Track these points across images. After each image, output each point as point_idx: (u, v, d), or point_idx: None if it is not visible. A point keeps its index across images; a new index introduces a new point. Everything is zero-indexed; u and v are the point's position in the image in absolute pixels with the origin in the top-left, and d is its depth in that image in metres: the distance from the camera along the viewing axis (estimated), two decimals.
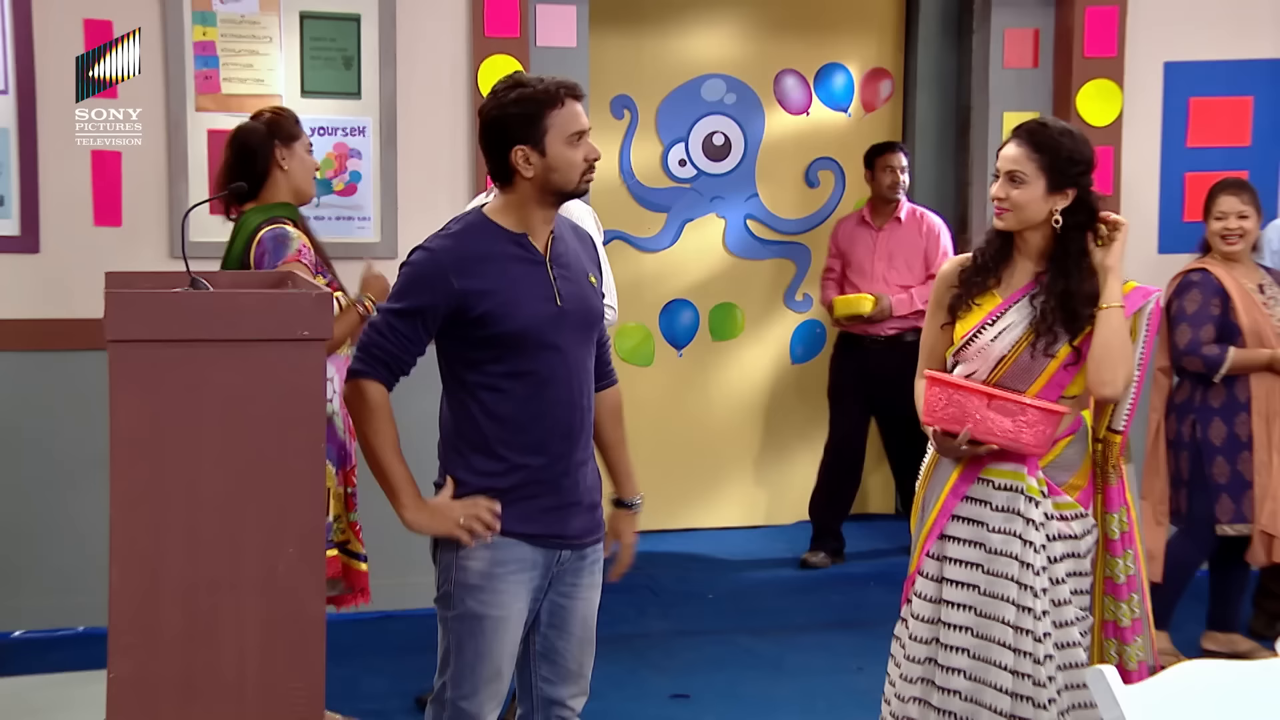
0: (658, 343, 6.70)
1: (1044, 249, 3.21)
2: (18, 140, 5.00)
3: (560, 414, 2.88)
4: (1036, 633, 3.13)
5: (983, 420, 3.10)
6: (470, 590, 2.86)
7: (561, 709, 3.03)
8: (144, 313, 2.51)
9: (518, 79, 2.87)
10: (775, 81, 6.68)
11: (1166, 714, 2.07)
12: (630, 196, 6.59)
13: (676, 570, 6.12)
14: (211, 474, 2.54)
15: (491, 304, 2.80)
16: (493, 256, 2.84)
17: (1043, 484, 3.17)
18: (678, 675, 4.78)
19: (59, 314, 5.05)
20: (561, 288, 2.88)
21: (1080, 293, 3.14)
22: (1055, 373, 3.16)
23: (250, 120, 4.09)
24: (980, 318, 3.22)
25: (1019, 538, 3.15)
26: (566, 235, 2.98)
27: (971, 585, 3.19)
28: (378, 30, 5.27)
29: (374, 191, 5.31)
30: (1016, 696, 3.12)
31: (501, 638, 2.88)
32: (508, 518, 2.86)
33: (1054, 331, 3.15)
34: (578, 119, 2.85)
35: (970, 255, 3.32)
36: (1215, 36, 5.94)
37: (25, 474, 5.11)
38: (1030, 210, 3.17)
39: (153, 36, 5.10)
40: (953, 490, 3.23)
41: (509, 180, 2.87)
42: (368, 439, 2.86)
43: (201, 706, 2.54)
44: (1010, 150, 3.21)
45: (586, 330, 2.94)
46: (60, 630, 5.11)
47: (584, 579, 3.00)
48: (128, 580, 2.52)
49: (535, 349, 2.84)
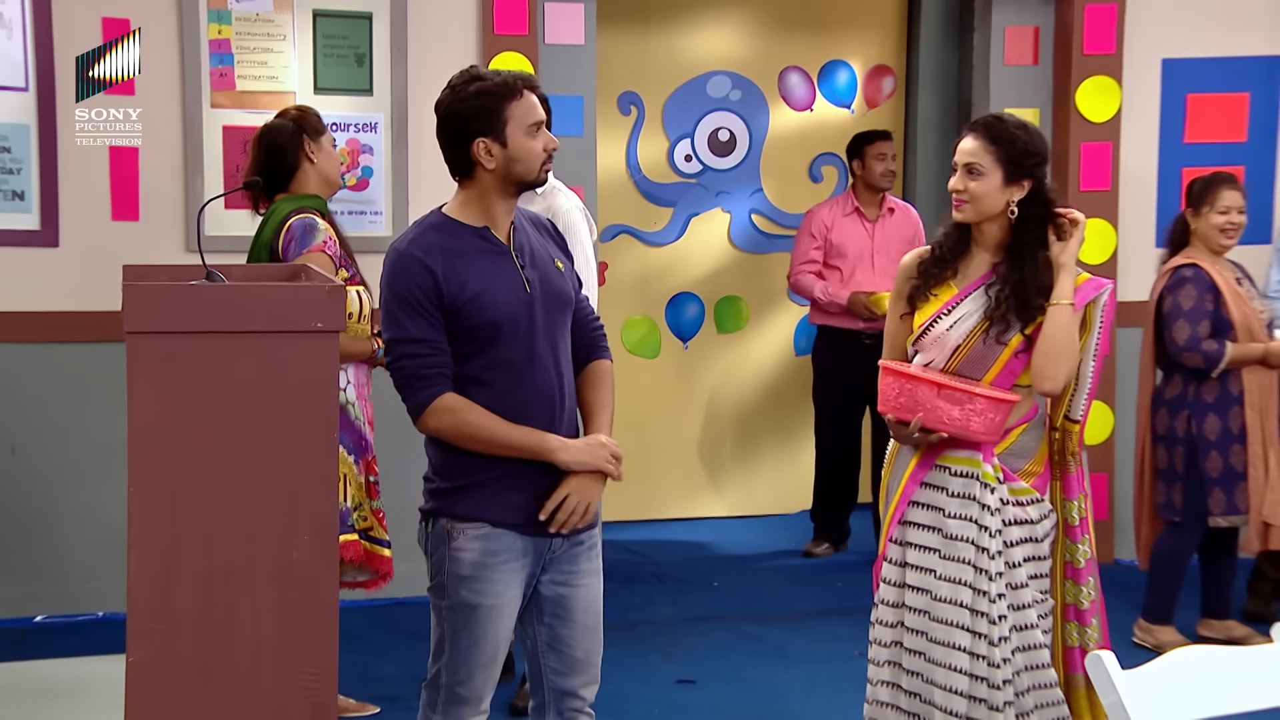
0: (664, 335, 6.75)
1: (1000, 240, 3.27)
2: (38, 136, 5.07)
3: (541, 400, 2.88)
4: (992, 615, 3.18)
5: (933, 409, 3.15)
6: (463, 581, 2.87)
7: (573, 699, 3.02)
8: (161, 305, 2.53)
9: (474, 73, 2.88)
10: (779, 78, 6.73)
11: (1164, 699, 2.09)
12: (637, 191, 6.65)
13: (682, 558, 6.18)
14: (227, 463, 2.56)
15: (466, 297, 2.81)
16: (460, 251, 2.85)
17: (998, 470, 3.22)
18: (683, 661, 4.83)
19: (78, 307, 5.12)
20: (529, 275, 2.89)
21: (1034, 282, 3.20)
22: (1008, 361, 3.21)
23: (276, 119, 4.19)
24: (937, 308, 3.28)
25: (975, 523, 3.21)
26: (525, 225, 2.99)
27: (928, 569, 3.25)
28: (389, 28, 5.34)
29: (386, 186, 5.38)
30: (973, 678, 3.18)
31: (495, 625, 2.89)
32: (495, 508, 2.87)
33: (1007, 320, 3.20)
34: (535, 110, 2.87)
35: (929, 248, 3.37)
36: (1212, 33, 5.97)
37: (46, 463, 5.18)
38: (988, 202, 3.22)
39: (169, 34, 5.16)
40: (911, 477, 3.29)
41: (469, 173, 2.88)
42: (479, 436, 2.82)
43: (217, 690, 2.56)
44: (968, 143, 3.26)
45: (558, 314, 2.94)
46: (80, 616, 5.18)
47: (582, 565, 2.99)
48: (146, 567, 2.54)
49: (511, 338, 2.85)
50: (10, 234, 5.08)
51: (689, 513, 6.80)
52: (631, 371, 6.59)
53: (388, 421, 4.18)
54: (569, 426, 2.95)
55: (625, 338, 6.63)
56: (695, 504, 6.84)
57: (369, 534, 4.13)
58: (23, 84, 5.04)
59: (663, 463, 6.77)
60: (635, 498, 6.61)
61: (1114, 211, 5.93)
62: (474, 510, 2.88)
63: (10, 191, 5.07)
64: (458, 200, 2.94)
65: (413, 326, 2.81)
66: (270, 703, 2.61)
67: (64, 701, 4.26)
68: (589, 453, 2.89)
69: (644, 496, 6.69)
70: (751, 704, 4.45)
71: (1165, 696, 2.11)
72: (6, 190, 5.06)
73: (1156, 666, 2.14)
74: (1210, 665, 2.19)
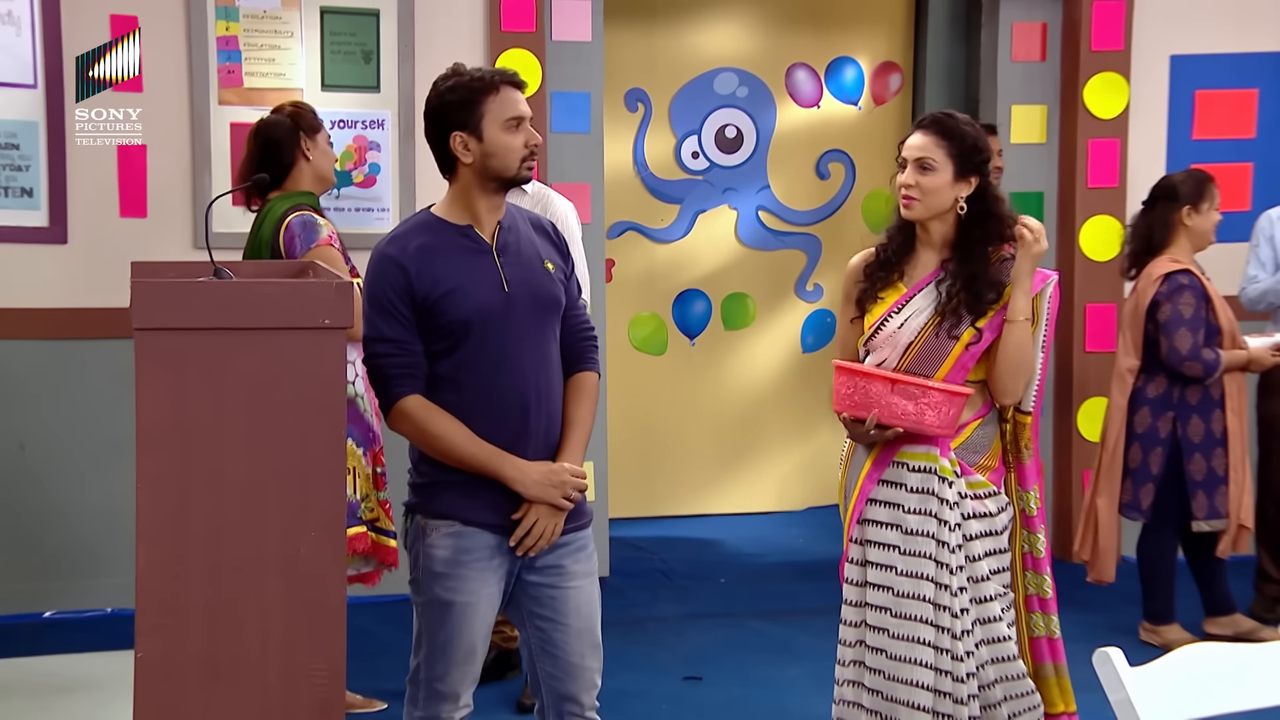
0: (671, 332, 6.76)
1: (948, 238, 3.27)
2: (46, 133, 5.09)
3: (513, 400, 2.86)
4: (954, 609, 3.19)
5: (887, 405, 3.16)
6: (436, 578, 2.88)
7: (572, 704, 2.98)
8: (169, 302, 2.53)
9: (456, 69, 2.91)
10: (786, 75, 6.73)
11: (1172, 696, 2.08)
12: (644, 188, 6.65)
13: (688, 555, 6.19)
14: (235, 459, 2.55)
15: (442, 293, 2.82)
16: (438, 248, 2.86)
17: (955, 465, 3.22)
18: (690, 658, 4.84)
19: (86, 303, 5.14)
20: (509, 274, 2.88)
21: (984, 276, 3.21)
22: (960, 355, 3.22)
23: (272, 114, 4.19)
24: (886, 307, 3.28)
25: (935, 517, 3.21)
26: (519, 224, 2.97)
27: (889, 566, 3.25)
28: (396, 25, 5.35)
29: (393, 183, 5.39)
30: (938, 671, 3.18)
31: (470, 622, 2.89)
32: (468, 507, 2.87)
33: (958, 313, 3.21)
34: (515, 105, 2.87)
35: (873, 250, 3.37)
36: (1221, 30, 5.97)
37: (55, 459, 5.21)
38: (938, 197, 3.22)
39: (177, 31, 5.18)
40: (868, 475, 3.29)
41: (452, 169, 2.91)
42: (437, 446, 2.85)
43: (226, 685, 2.56)
44: (917, 139, 3.26)
45: (541, 316, 2.92)
46: (89, 611, 5.21)
47: (569, 567, 2.95)
48: (154, 563, 2.53)
49: (486, 336, 2.84)
50: (19, 231, 5.09)
51: (695, 509, 6.81)
52: (638, 368, 6.60)
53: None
54: (542, 434, 2.92)
55: (632, 334, 6.64)
56: (701, 501, 6.85)
57: (376, 525, 4.14)
58: (31, 81, 5.06)
59: (669, 459, 6.78)
60: (641, 494, 6.62)
61: (1121, 208, 5.92)
62: (446, 508, 2.89)
63: (19, 188, 5.08)
64: (445, 198, 2.96)
65: (384, 326, 2.84)
66: (278, 698, 2.61)
67: (73, 697, 4.27)
68: (542, 484, 2.87)
69: (650, 493, 6.70)
70: (758, 700, 4.46)
71: (1173, 693, 2.09)
72: (15, 187, 5.08)
73: (1164, 663, 2.13)
74: (1218, 662, 2.17)
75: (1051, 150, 6.05)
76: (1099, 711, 2.27)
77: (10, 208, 5.08)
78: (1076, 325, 5.97)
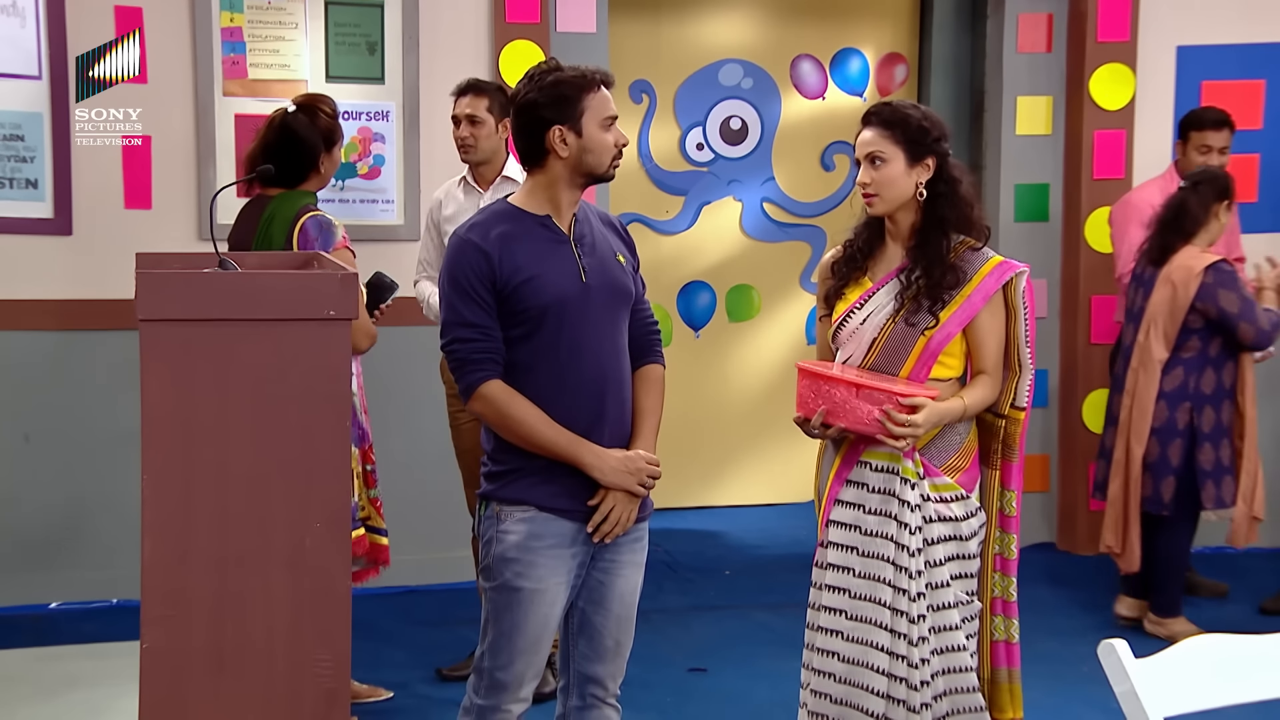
0: (675, 324, 6.75)
1: (915, 226, 3.25)
2: (51, 125, 5.08)
3: (588, 388, 2.92)
4: (911, 614, 3.14)
5: (852, 410, 3.14)
6: (507, 563, 2.91)
7: (597, 687, 3.04)
8: (174, 293, 2.55)
9: (553, 65, 2.96)
10: (791, 66, 6.72)
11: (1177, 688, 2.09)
12: (648, 179, 6.64)
13: (693, 547, 6.18)
14: (240, 450, 2.57)
15: (522, 279, 2.86)
16: (519, 236, 2.90)
17: (919, 465, 3.18)
18: (695, 649, 4.85)
19: (91, 294, 5.14)
20: (587, 264, 2.94)
21: (941, 262, 3.18)
22: (923, 349, 3.18)
23: (300, 111, 4.08)
24: (850, 303, 3.28)
25: (894, 519, 3.17)
26: (591, 218, 3.04)
27: (846, 568, 3.22)
28: (401, 16, 5.34)
29: (397, 175, 5.39)
30: (892, 678, 3.14)
31: (538, 610, 2.92)
32: (542, 494, 2.91)
33: (918, 301, 3.18)
34: (610, 105, 2.94)
35: (840, 247, 3.37)
36: (1227, 20, 5.95)
37: (59, 451, 5.21)
38: (897, 188, 3.21)
39: (181, 23, 5.18)
40: (836, 476, 3.28)
41: (540, 161, 2.94)
42: (517, 431, 2.88)
43: (231, 676, 2.58)
44: (865, 135, 3.25)
45: (615, 306, 2.99)
46: (95, 602, 5.21)
47: (624, 556, 3.02)
48: (159, 554, 2.55)
49: (563, 324, 2.89)
50: (24, 222, 5.10)
51: (700, 501, 6.80)
52: None
53: (380, 411, 4.20)
54: (616, 422, 2.98)
55: None
56: (707, 492, 6.84)
57: (367, 523, 4.12)
58: (36, 73, 5.06)
59: (674, 451, 6.74)
60: None
61: None
62: (520, 494, 2.93)
63: (24, 180, 5.08)
64: (524, 189, 3.00)
65: (466, 311, 2.87)
66: (283, 689, 2.62)
67: (79, 687, 4.29)
68: (621, 471, 2.93)
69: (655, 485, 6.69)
70: (762, 692, 4.46)
71: (1178, 685, 2.10)
72: (20, 179, 5.08)
73: (1169, 655, 2.13)
74: (1224, 654, 2.17)
75: (1057, 142, 6.04)
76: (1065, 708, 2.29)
77: (15, 199, 5.08)
78: (1081, 317, 5.96)
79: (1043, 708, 4.31)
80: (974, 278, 3.18)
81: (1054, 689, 4.42)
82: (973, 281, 3.18)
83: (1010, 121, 5.99)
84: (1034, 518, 6.19)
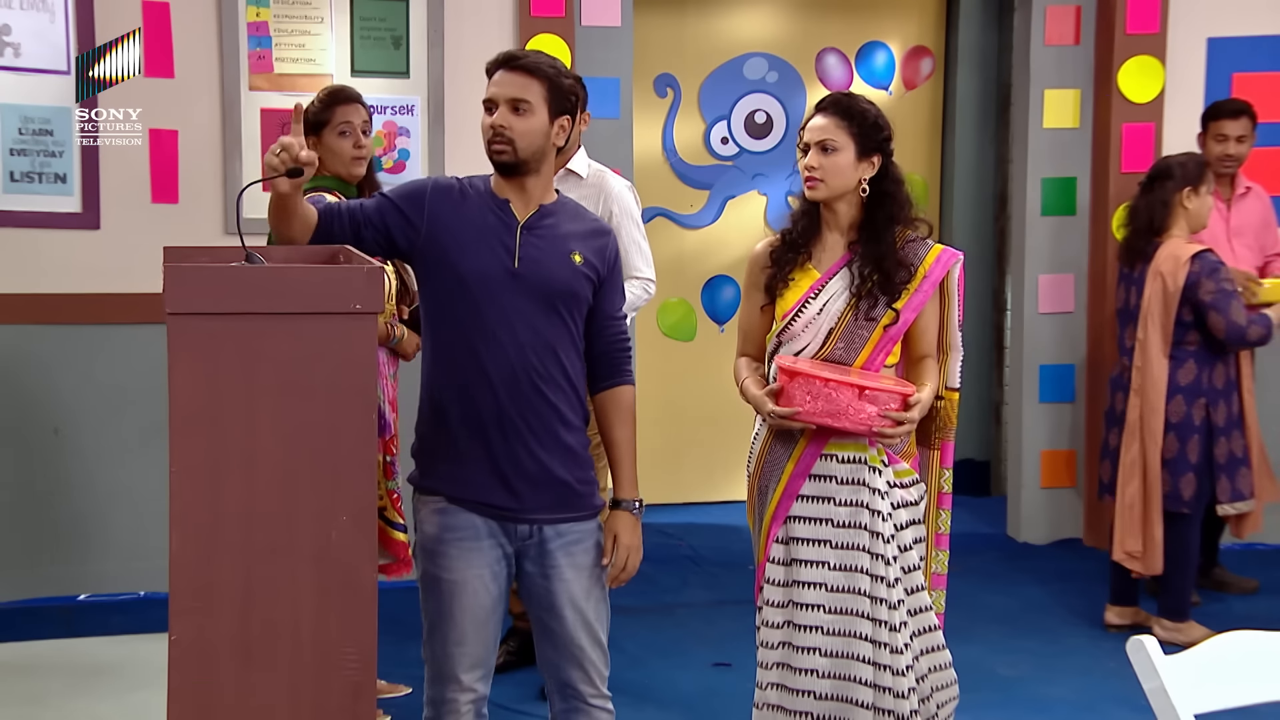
0: (700, 318, 6.75)
1: (854, 219, 3.29)
2: (79, 120, 5.11)
3: (495, 374, 2.84)
4: (891, 600, 3.18)
5: (855, 411, 3.13)
6: (427, 554, 2.92)
7: (572, 691, 2.99)
8: (201, 286, 2.54)
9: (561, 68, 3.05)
10: (817, 60, 6.71)
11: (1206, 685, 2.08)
12: (673, 174, 6.64)
13: (718, 541, 6.18)
14: (267, 443, 2.56)
15: (448, 240, 2.86)
16: (470, 205, 2.90)
17: (882, 454, 3.23)
18: (719, 644, 4.84)
19: (119, 289, 5.17)
20: (525, 252, 2.87)
21: (893, 256, 3.22)
22: (880, 338, 3.23)
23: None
24: (801, 293, 3.27)
25: (866, 508, 3.20)
26: (561, 218, 2.95)
27: (821, 562, 3.22)
28: (426, 10, 5.35)
29: (422, 168, 5.40)
30: (877, 666, 3.17)
31: (460, 601, 2.89)
32: (444, 479, 2.90)
33: (874, 295, 3.23)
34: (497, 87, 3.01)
35: (779, 234, 3.38)
36: (1258, 11, 5.90)
37: (89, 444, 5.24)
38: (842, 179, 3.24)
39: (208, 17, 5.19)
40: (796, 471, 3.26)
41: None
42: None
43: (258, 669, 2.57)
44: (818, 121, 3.26)
45: (544, 301, 2.87)
46: (123, 594, 5.25)
47: (561, 559, 2.92)
48: (187, 547, 2.55)
49: (479, 301, 2.84)
50: (52, 216, 5.12)
51: (724, 495, 6.80)
52: (667, 354, 6.59)
53: (404, 406, 4.16)
54: (540, 414, 2.89)
55: (661, 320, 6.63)
56: (731, 487, 6.83)
57: (383, 514, 4.12)
58: (65, 68, 5.08)
59: (698, 446, 6.77)
60: (670, 481, 6.62)
61: None
62: (433, 483, 2.93)
63: (52, 174, 5.11)
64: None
65: (379, 197, 2.93)
66: (310, 682, 2.62)
67: (107, 678, 4.31)
68: (633, 530, 2.98)
69: (679, 480, 6.69)
70: None
71: (1208, 682, 2.09)
72: (49, 173, 5.11)
73: (1199, 651, 2.12)
74: (1254, 651, 2.16)
75: (1085, 135, 6.00)
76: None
77: (44, 193, 5.11)
78: (1108, 312, 5.90)
79: (1071, 704, 4.30)
80: (919, 268, 3.25)
81: (1083, 686, 4.40)
82: (919, 271, 3.25)
83: (1038, 115, 5.96)
84: (1061, 513, 6.16)
